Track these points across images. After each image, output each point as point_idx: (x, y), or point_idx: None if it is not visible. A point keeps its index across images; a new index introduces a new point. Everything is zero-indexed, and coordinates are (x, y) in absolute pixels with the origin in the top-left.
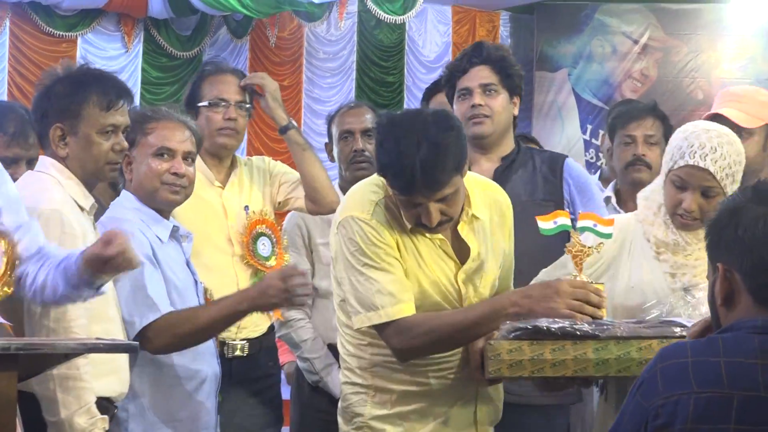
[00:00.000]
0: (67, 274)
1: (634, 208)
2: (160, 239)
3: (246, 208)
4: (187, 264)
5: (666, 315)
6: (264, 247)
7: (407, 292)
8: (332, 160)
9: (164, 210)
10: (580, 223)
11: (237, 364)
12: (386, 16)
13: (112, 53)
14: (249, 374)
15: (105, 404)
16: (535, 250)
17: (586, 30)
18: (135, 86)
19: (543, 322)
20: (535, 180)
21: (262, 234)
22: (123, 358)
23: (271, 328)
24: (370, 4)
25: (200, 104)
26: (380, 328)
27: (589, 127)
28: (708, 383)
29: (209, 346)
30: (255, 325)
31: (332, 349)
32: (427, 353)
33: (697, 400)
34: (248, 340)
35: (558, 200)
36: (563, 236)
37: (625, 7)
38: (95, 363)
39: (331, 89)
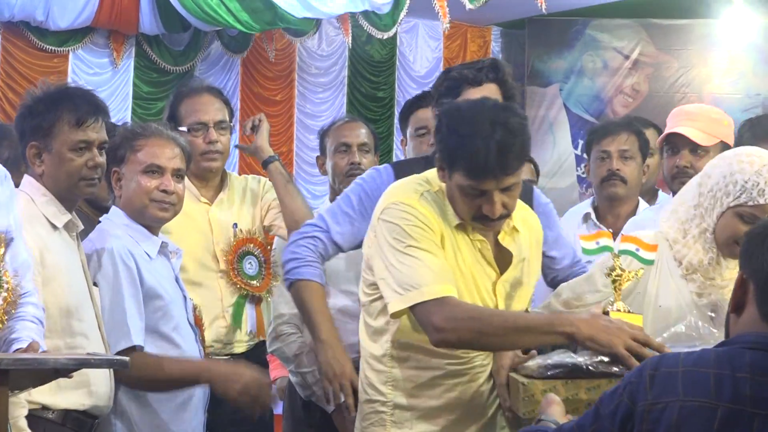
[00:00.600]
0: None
1: (613, 222)
2: (148, 255)
3: (234, 225)
4: (176, 280)
5: (687, 330)
6: (251, 266)
7: (450, 276)
8: (324, 173)
9: (153, 226)
10: (621, 246)
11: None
12: (375, 30)
13: (103, 69)
14: None
15: (80, 417)
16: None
17: (577, 45)
18: (126, 101)
19: (582, 359)
20: None
21: (249, 253)
22: (97, 374)
23: (259, 344)
24: (361, 20)
25: (180, 128)
26: (421, 310)
27: (581, 142)
28: (695, 392)
29: None
30: (241, 341)
31: None
32: (466, 343)
33: (682, 407)
34: (233, 355)
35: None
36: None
37: (616, 22)
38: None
39: (322, 104)
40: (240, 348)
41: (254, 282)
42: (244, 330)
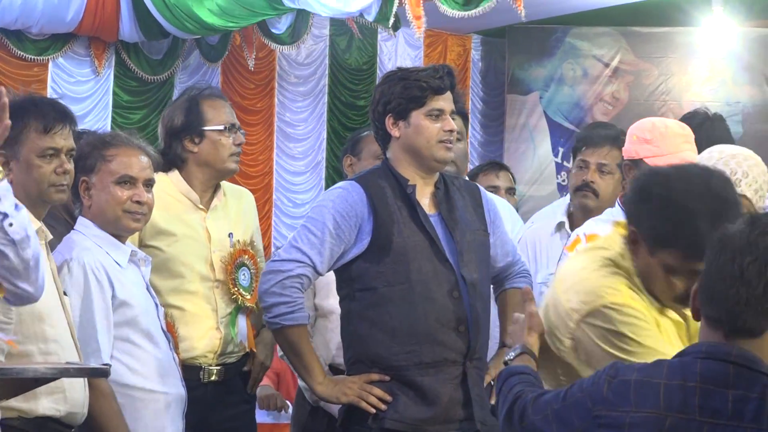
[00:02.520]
0: None
1: None
2: (119, 264)
3: (230, 235)
4: (147, 288)
5: None
6: (244, 278)
7: None
8: (348, 173)
9: (122, 236)
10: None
11: (212, 389)
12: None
13: (83, 77)
14: (224, 399)
15: (54, 426)
16: (486, 276)
17: (557, 53)
18: (106, 110)
19: None
20: (470, 209)
21: (243, 264)
22: (71, 381)
23: (246, 355)
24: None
25: (208, 128)
26: None
27: (561, 150)
28: (645, 403)
29: (173, 370)
30: (233, 352)
31: (333, 369)
32: None
33: (633, 417)
34: (224, 365)
35: (486, 228)
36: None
37: (596, 30)
38: None
39: (302, 112)
40: (231, 359)
41: (247, 294)
42: (235, 340)
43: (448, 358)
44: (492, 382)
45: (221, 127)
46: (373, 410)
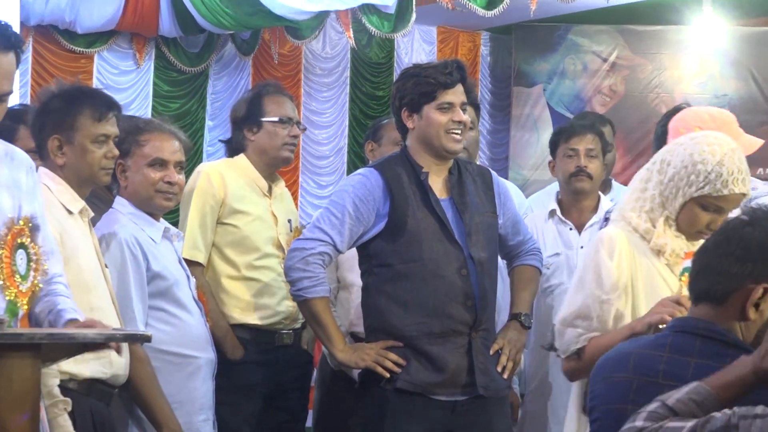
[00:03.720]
0: (51, 324)
1: (578, 216)
2: (153, 240)
3: (290, 221)
4: (179, 261)
5: None
6: None
7: None
8: (370, 158)
9: (156, 213)
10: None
11: (282, 352)
12: (377, 31)
13: (126, 69)
14: (292, 361)
15: (103, 388)
16: (495, 256)
17: (559, 49)
18: (147, 99)
19: None
20: (480, 193)
21: None
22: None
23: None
24: (365, 22)
25: (266, 119)
26: None
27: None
28: (619, 369)
29: (204, 335)
30: (298, 318)
31: (353, 336)
32: None
33: (611, 384)
34: (294, 330)
35: (495, 211)
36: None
37: (595, 28)
38: None
39: (327, 102)
40: (298, 325)
41: None
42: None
43: (455, 330)
44: (499, 351)
45: (276, 119)
46: (388, 374)
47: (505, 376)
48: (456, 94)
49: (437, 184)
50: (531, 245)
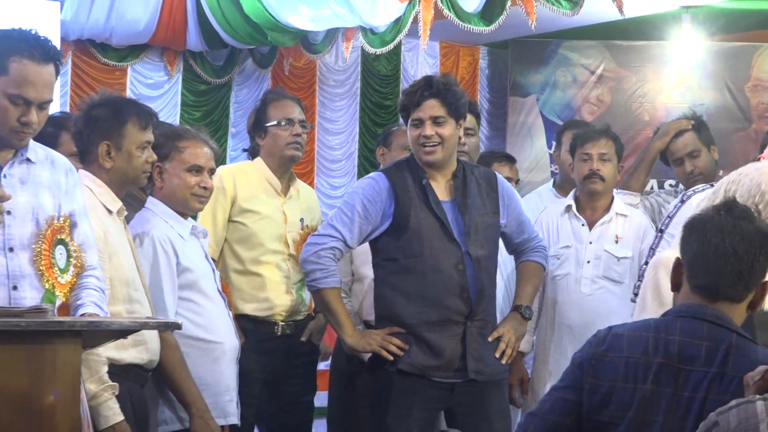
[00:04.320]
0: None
1: (591, 213)
2: (182, 237)
3: (302, 220)
4: (205, 256)
5: None
6: None
7: None
8: (381, 162)
9: (185, 213)
10: None
11: (284, 341)
12: (370, 48)
13: (156, 80)
14: (293, 350)
15: (139, 372)
16: (494, 253)
17: (551, 62)
18: (175, 108)
19: None
20: (482, 195)
21: None
22: (148, 333)
23: (310, 316)
24: (362, 40)
25: (268, 124)
26: None
27: (554, 143)
28: (636, 351)
29: (228, 323)
30: (301, 311)
31: (366, 324)
32: None
33: (627, 361)
34: (294, 321)
35: (497, 212)
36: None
37: (584, 43)
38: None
39: (339, 111)
40: (299, 317)
41: None
42: (303, 303)
43: (451, 319)
44: (500, 338)
45: (275, 122)
46: (391, 357)
47: (503, 361)
48: (425, 110)
49: (440, 187)
50: (536, 243)
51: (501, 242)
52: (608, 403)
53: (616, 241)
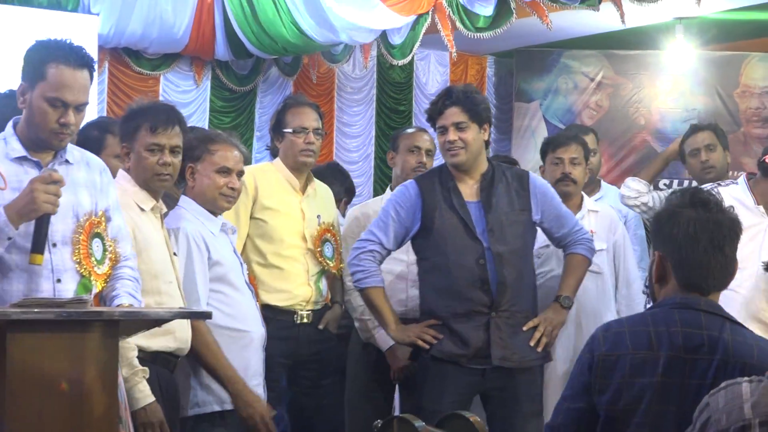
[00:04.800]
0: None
1: None
2: (212, 233)
3: (318, 217)
4: (234, 251)
5: None
6: (328, 249)
7: None
8: (392, 165)
9: (216, 211)
10: None
11: (303, 329)
12: (391, 58)
13: (186, 88)
14: (312, 337)
15: (167, 357)
16: (521, 248)
17: (554, 70)
18: (204, 114)
19: None
20: (511, 193)
21: (327, 240)
22: (177, 323)
23: (327, 306)
24: (382, 50)
25: (285, 130)
26: None
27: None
28: (640, 346)
29: (255, 313)
30: (318, 302)
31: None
32: None
33: (633, 358)
34: (312, 311)
35: (528, 209)
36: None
37: (584, 52)
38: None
39: (356, 116)
40: (318, 306)
41: (331, 262)
42: (320, 293)
43: (475, 310)
44: (536, 327)
45: (291, 130)
46: (427, 346)
47: (539, 349)
48: (446, 118)
49: (468, 189)
50: (579, 236)
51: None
52: (619, 399)
53: (591, 236)
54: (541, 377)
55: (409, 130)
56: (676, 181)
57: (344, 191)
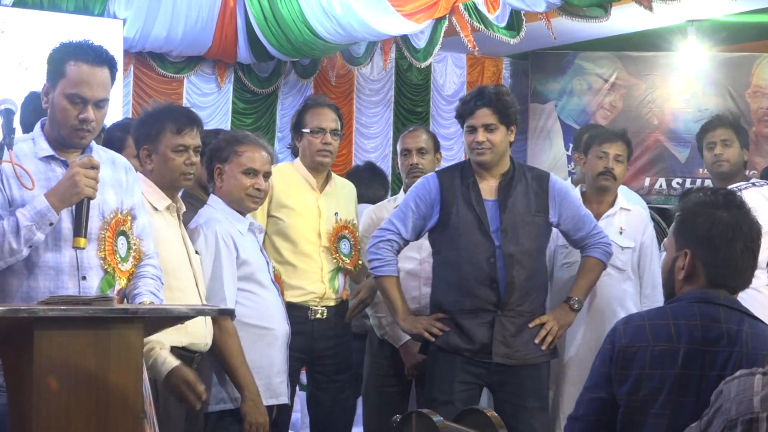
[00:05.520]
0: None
1: (597, 207)
2: (240, 233)
3: (336, 214)
4: (261, 250)
5: None
6: (345, 246)
7: None
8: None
9: (243, 211)
10: None
11: (316, 325)
12: (414, 61)
13: (209, 91)
14: (325, 333)
15: (180, 352)
16: (533, 249)
17: (568, 72)
18: (226, 115)
19: None
20: (529, 195)
21: (344, 237)
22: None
23: (343, 302)
24: (404, 52)
25: (304, 130)
26: None
27: (571, 146)
28: (660, 339)
29: (281, 311)
30: (331, 298)
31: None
32: None
33: (652, 350)
34: (326, 307)
35: (545, 211)
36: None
37: (598, 54)
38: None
39: (374, 117)
40: (331, 303)
41: (347, 259)
42: (335, 290)
43: (482, 308)
44: (542, 325)
45: (308, 131)
46: (432, 338)
47: (543, 347)
48: (476, 118)
49: (488, 187)
50: (597, 239)
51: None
52: (639, 389)
53: (621, 233)
54: (548, 373)
55: (404, 133)
56: (689, 180)
57: (384, 193)
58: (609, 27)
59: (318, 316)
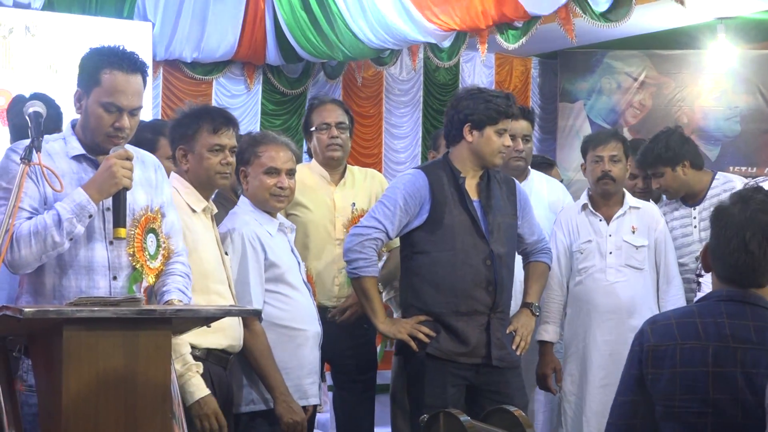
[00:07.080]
0: (158, 301)
1: (607, 209)
2: (270, 234)
3: (353, 204)
4: (292, 251)
5: None
6: None
7: None
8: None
9: (272, 212)
10: None
11: (335, 325)
12: (438, 61)
13: (238, 92)
14: (345, 332)
15: (219, 354)
16: (512, 250)
17: (597, 71)
18: (256, 116)
19: None
20: (504, 197)
21: None
22: (228, 321)
23: None
24: (429, 53)
25: (311, 129)
26: None
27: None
28: (688, 337)
29: (312, 312)
30: (347, 295)
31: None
32: None
33: (682, 349)
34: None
35: (515, 213)
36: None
37: (627, 53)
38: None
39: (403, 117)
40: (346, 301)
41: None
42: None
43: (477, 310)
44: (513, 332)
45: (315, 127)
46: (416, 348)
47: (518, 353)
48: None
49: (471, 187)
50: (544, 245)
51: None
52: (674, 389)
53: (633, 232)
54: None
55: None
56: None
57: None
58: (638, 25)
59: (335, 316)
